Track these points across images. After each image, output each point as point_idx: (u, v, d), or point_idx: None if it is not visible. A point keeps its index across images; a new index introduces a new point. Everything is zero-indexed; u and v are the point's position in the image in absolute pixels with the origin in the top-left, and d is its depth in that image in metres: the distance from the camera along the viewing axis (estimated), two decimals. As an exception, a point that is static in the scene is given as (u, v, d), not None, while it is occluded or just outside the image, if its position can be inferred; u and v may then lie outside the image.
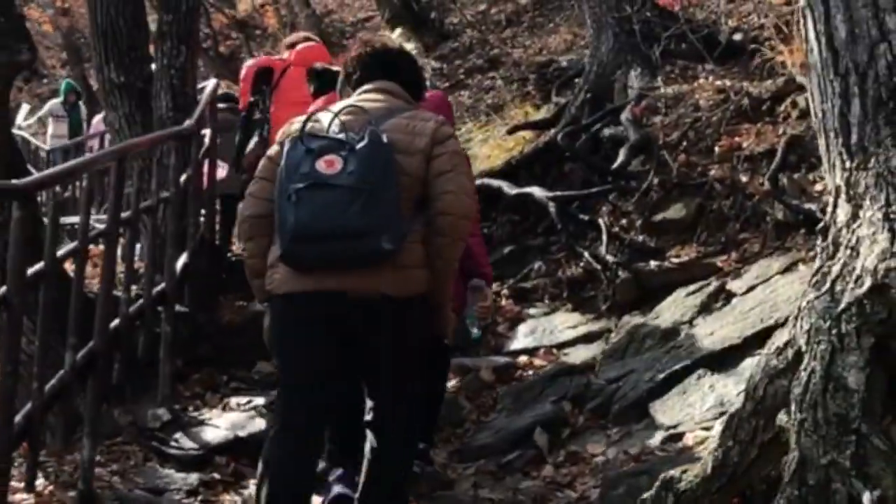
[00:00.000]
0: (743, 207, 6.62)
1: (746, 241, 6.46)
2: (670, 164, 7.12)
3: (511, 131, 9.04)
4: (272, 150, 3.84)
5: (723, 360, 5.28)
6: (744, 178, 6.74)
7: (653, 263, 6.64)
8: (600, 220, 7.13)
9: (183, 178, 6.45)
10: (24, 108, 17.38)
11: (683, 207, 6.91)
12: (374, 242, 3.52)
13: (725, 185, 6.81)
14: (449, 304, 3.88)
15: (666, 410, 5.16)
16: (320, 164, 3.57)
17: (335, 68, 6.73)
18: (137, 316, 5.54)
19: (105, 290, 4.92)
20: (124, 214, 5.22)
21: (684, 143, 7.25)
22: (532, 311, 7.16)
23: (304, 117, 3.80)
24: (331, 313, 3.64)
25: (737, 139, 7.05)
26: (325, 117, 3.78)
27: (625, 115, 7.69)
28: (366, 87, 3.92)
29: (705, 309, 5.88)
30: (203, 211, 7.32)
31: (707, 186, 6.86)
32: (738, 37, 8.18)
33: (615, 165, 7.19)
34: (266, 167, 3.81)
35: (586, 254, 6.99)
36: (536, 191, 7.52)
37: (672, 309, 6.06)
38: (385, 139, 3.62)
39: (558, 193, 7.47)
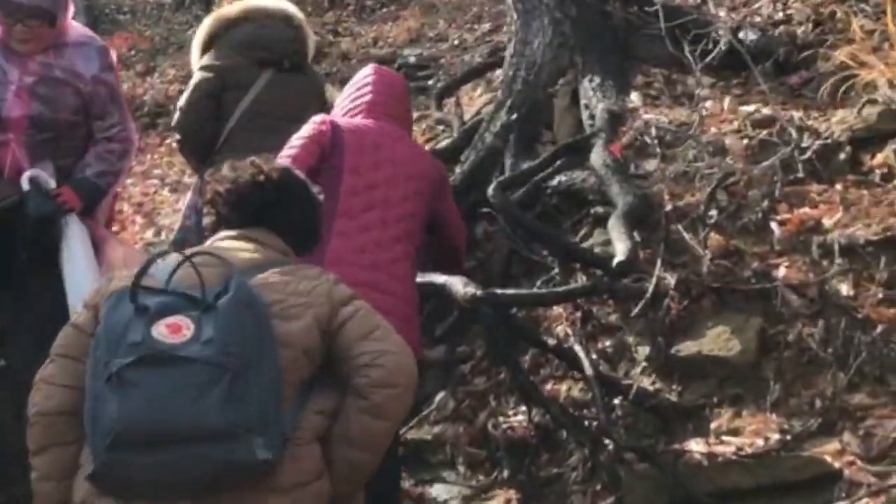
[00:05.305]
0: (851, 344, 3.67)
1: (870, 410, 3.51)
2: (696, 251, 4.10)
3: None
4: (78, 316, 2.67)
5: None
6: (843, 288, 3.79)
7: (695, 447, 3.60)
8: (576, 346, 4.05)
9: None
10: None
11: (732, 333, 3.86)
12: (244, 449, 2.34)
13: (806, 298, 3.84)
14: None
15: None
16: (160, 329, 2.42)
17: None
18: None
19: None
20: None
21: (713, 213, 4.23)
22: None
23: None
24: None
25: (808, 210, 4.10)
26: (163, 267, 2.63)
27: (599, 157, 4.56)
28: (225, 233, 2.82)
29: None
30: None
31: (776, 297, 3.85)
32: (750, 36, 5.17)
33: (620, 258, 3.79)
34: (69, 339, 2.61)
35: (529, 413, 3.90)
36: (457, 283, 4.24)
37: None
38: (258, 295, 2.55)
39: (497, 290, 4.24)
